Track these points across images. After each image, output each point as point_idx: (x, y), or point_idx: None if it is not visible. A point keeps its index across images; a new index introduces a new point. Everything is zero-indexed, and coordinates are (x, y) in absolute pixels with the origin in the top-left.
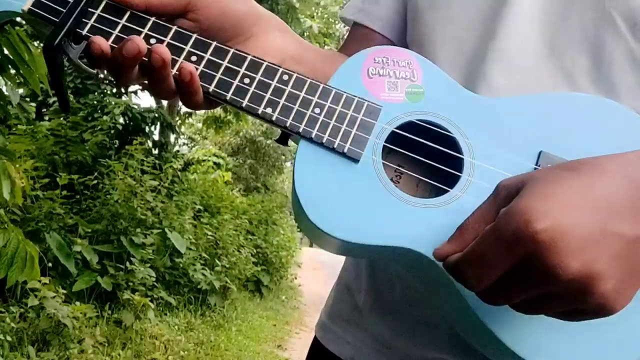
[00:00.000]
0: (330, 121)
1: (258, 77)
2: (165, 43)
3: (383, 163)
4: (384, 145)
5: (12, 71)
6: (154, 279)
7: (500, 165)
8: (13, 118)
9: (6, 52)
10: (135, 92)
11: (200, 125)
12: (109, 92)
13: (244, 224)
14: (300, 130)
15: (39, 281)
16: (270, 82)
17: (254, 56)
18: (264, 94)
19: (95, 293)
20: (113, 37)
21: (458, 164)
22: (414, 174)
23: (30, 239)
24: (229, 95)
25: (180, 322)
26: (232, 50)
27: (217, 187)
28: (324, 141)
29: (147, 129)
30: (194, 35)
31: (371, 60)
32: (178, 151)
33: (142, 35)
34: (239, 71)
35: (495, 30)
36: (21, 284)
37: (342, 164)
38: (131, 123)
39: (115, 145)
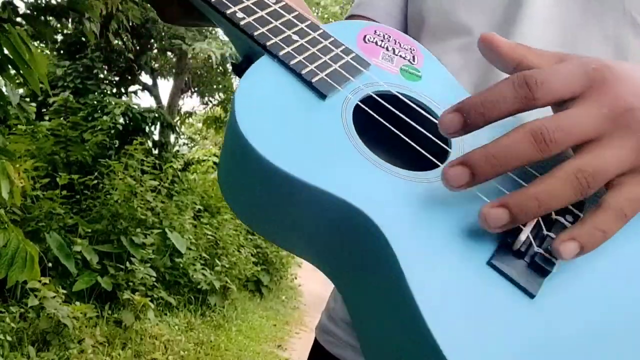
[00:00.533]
0: (310, 48)
1: None
2: None
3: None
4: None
5: (12, 71)
6: (154, 279)
7: None
8: (13, 118)
9: (6, 52)
10: (135, 92)
11: (200, 125)
12: (109, 92)
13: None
14: (269, 43)
15: (39, 281)
16: None
17: None
18: (243, 0)
19: (95, 293)
20: None
21: (443, 154)
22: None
23: (30, 239)
24: None
25: (180, 322)
26: None
27: (217, 187)
28: (291, 63)
29: (147, 129)
30: None
31: (371, 31)
32: (178, 151)
33: None
34: None
35: (509, 35)
36: (21, 284)
37: (305, 95)
38: (131, 123)
39: (115, 145)
